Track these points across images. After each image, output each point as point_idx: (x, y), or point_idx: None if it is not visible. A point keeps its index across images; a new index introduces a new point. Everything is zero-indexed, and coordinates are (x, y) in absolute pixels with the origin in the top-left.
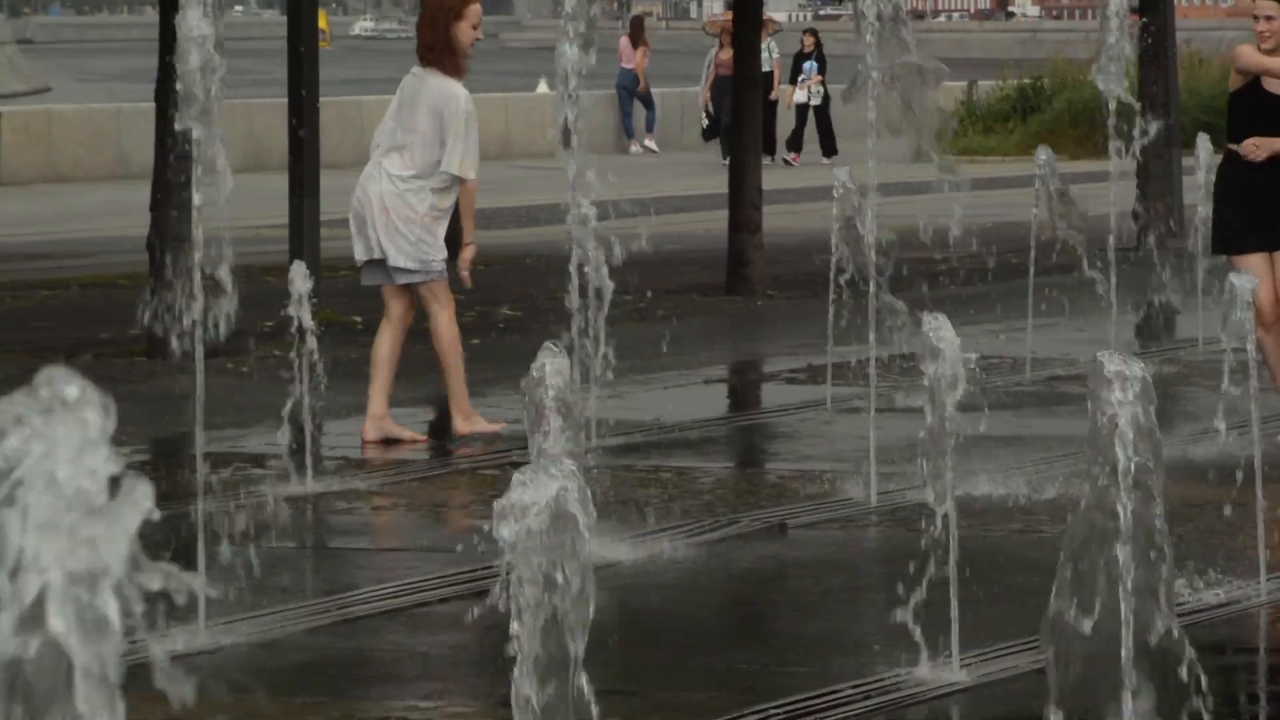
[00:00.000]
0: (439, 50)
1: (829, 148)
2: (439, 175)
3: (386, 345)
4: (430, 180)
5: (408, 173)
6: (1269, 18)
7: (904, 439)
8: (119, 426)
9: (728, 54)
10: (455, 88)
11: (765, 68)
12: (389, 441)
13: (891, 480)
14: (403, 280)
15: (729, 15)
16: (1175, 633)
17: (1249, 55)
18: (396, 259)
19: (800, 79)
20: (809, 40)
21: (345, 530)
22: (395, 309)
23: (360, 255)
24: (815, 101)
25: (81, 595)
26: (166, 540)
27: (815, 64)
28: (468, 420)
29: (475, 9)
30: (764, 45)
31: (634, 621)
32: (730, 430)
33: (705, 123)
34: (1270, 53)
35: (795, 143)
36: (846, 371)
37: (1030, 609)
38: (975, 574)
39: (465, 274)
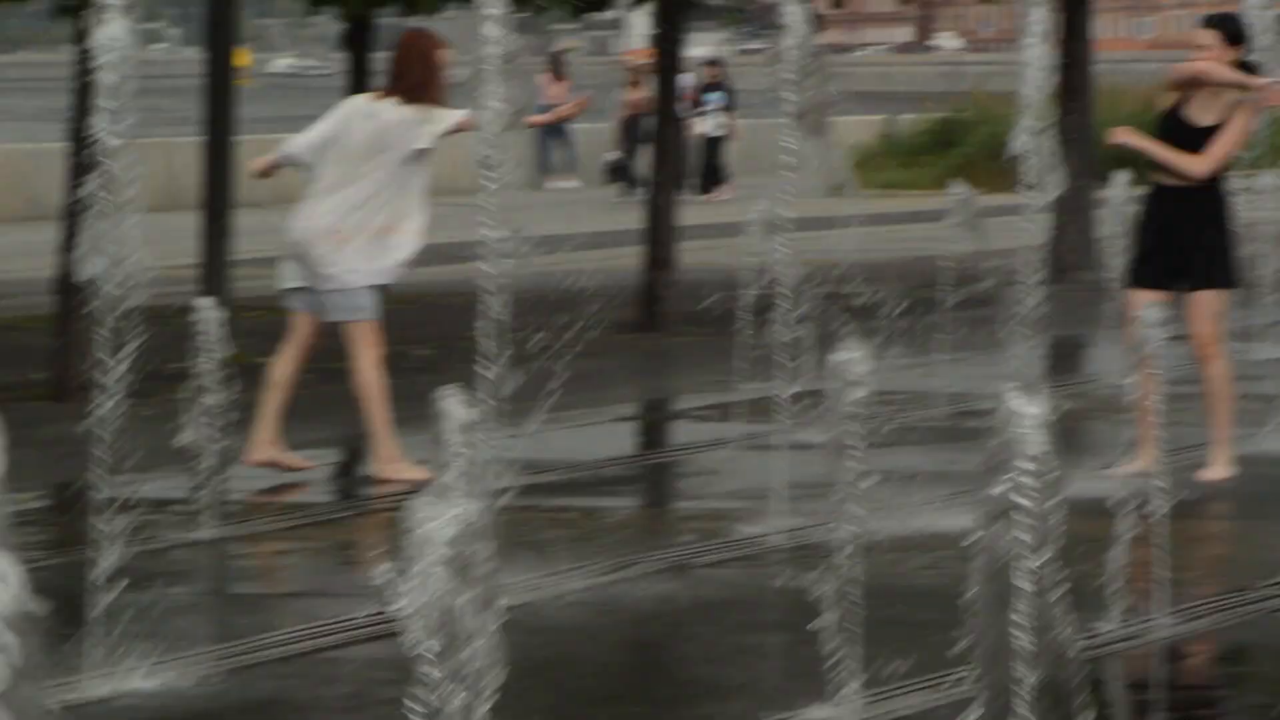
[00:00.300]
0: (428, 87)
1: (712, 178)
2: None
3: (288, 368)
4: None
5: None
6: (1203, 46)
7: (812, 475)
8: (21, 471)
9: (638, 93)
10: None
11: None
12: (277, 468)
13: (798, 517)
14: (337, 316)
15: (637, 54)
16: (1073, 667)
17: (1197, 64)
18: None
19: (702, 109)
20: (712, 71)
21: (246, 575)
22: (304, 334)
23: (297, 281)
24: (718, 133)
25: None
26: (61, 588)
27: (720, 95)
28: (390, 465)
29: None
30: None
31: (536, 664)
32: (638, 469)
33: (614, 162)
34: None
35: (712, 176)
36: (756, 408)
37: (932, 646)
38: (879, 612)
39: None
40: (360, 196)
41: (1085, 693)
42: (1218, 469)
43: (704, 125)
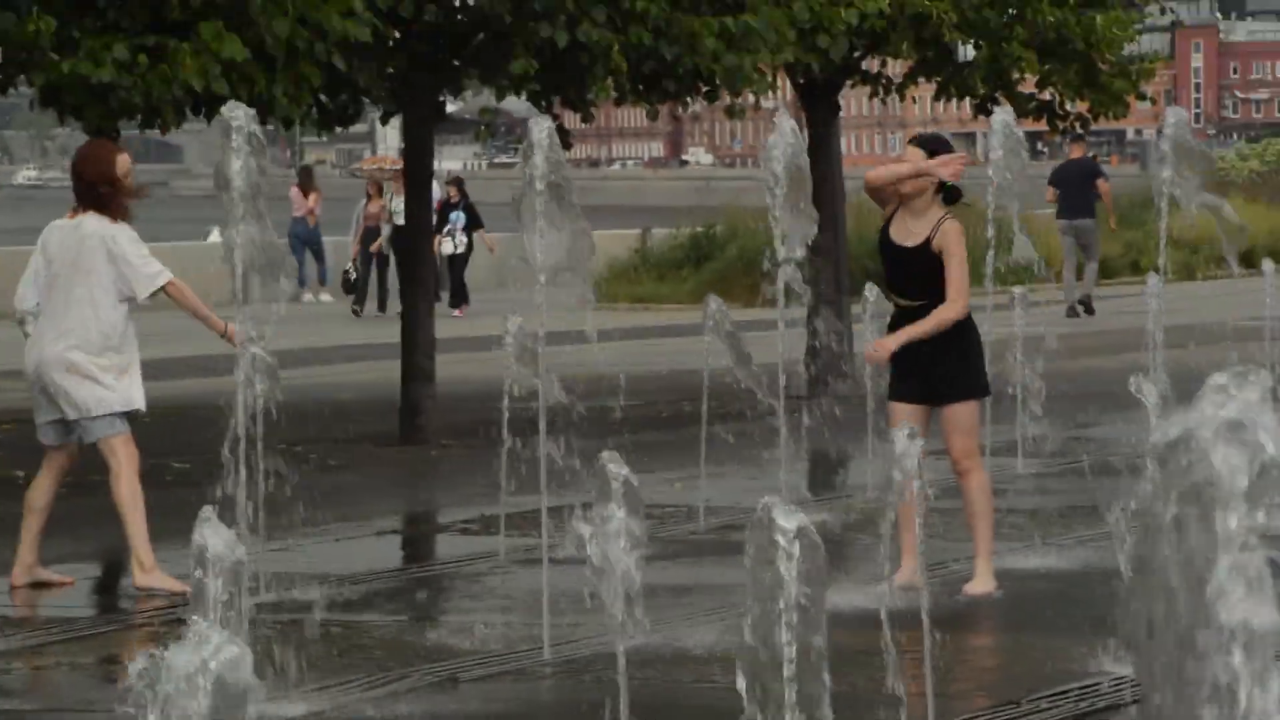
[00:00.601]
0: (113, 197)
1: (460, 298)
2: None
3: (46, 492)
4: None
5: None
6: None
7: (578, 589)
8: None
9: (376, 205)
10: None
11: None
12: (40, 585)
13: (564, 630)
14: (91, 438)
15: (377, 163)
16: None
17: (876, 170)
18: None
19: (445, 229)
20: (454, 191)
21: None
22: (59, 458)
23: (49, 416)
24: (460, 250)
25: None
26: None
27: (462, 214)
28: (147, 573)
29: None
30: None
31: None
32: (403, 582)
33: (352, 275)
34: (907, 205)
35: (459, 295)
36: (520, 521)
37: None
38: None
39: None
40: (81, 320)
41: None
42: (982, 582)
43: (448, 244)
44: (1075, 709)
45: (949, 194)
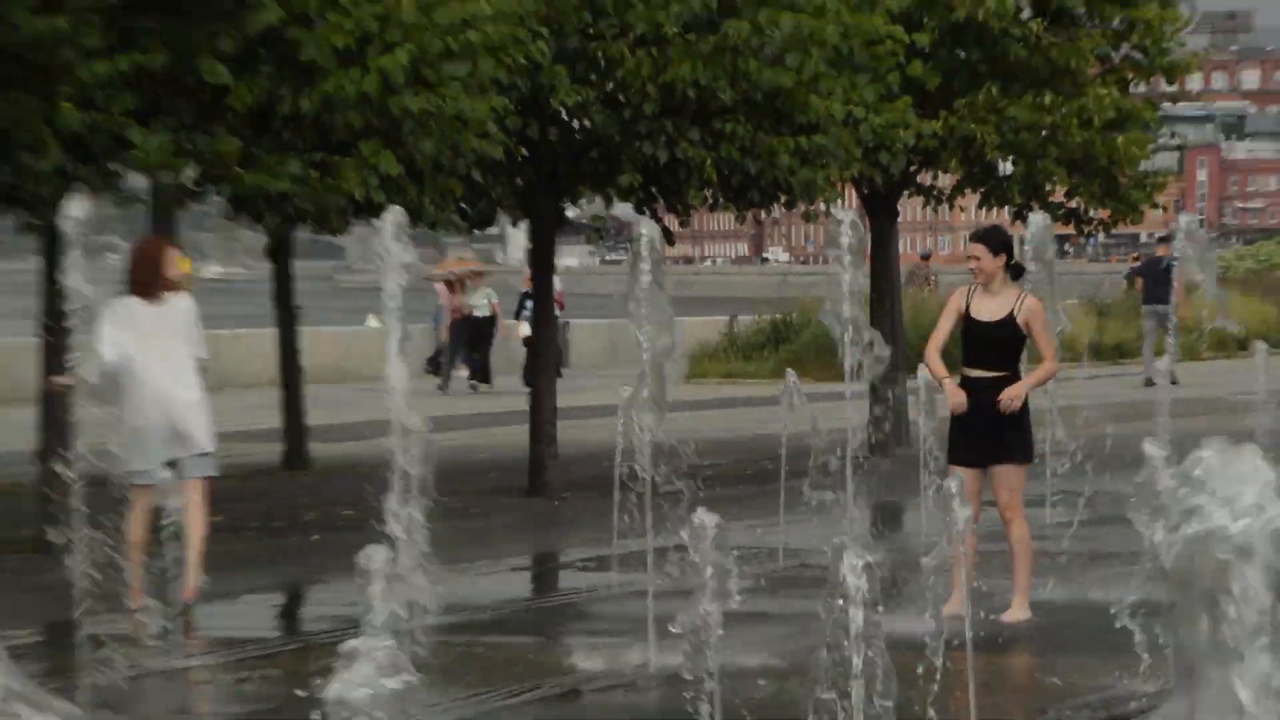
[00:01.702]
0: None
1: (529, 377)
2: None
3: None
4: None
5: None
6: (977, 258)
7: (676, 615)
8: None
9: (457, 299)
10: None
11: (484, 312)
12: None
13: (670, 652)
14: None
15: (453, 265)
16: None
17: (931, 357)
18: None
19: (523, 316)
20: (528, 281)
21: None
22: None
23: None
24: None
25: None
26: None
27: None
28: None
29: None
30: (484, 293)
31: None
32: (532, 610)
33: (430, 357)
34: (985, 287)
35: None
36: (629, 560)
37: None
38: None
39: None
40: (182, 371)
41: None
42: (1018, 611)
43: (525, 329)
44: (1093, 717)
45: (1015, 270)
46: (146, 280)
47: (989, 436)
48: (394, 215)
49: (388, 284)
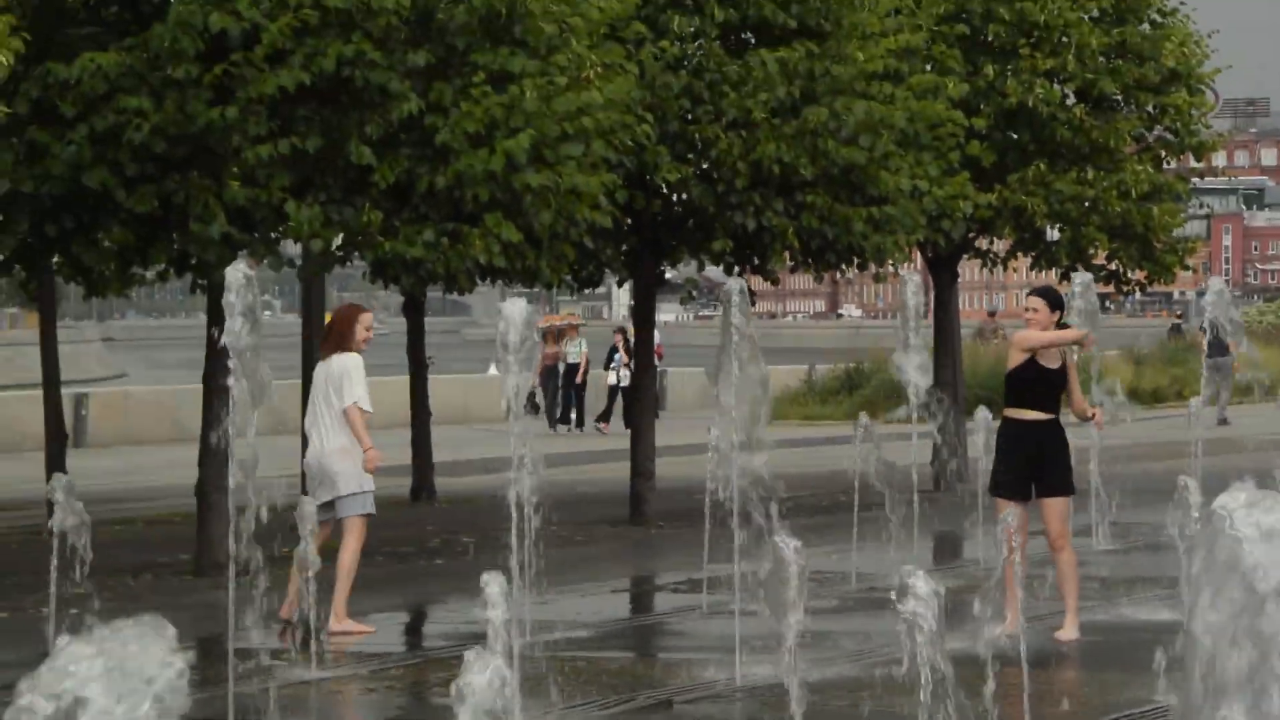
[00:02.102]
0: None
1: (629, 419)
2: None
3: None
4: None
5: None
6: (1035, 310)
7: (764, 634)
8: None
9: (552, 349)
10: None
11: (575, 359)
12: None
13: (754, 666)
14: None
15: (550, 320)
16: None
17: (1032, 334)
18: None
19: (611, 366)
20: (618, 338)
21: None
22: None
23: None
24: (625, 384)
25: None
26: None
27: (623, 354)
28: (340, 621)
29: (367, 317)
30: (577, 343)
31: None
32: (631, 627)
33: (538, 400)
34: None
35: (605, 416)
36: (718, 583)
37: None
38: None
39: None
40: (334, 424)
41: None
42: (1070, 631)
43: (611, 377)
44: None
45: (1062, 325)
46: (324, 341)
47: (1035, 474)
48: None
49: (509, 338)
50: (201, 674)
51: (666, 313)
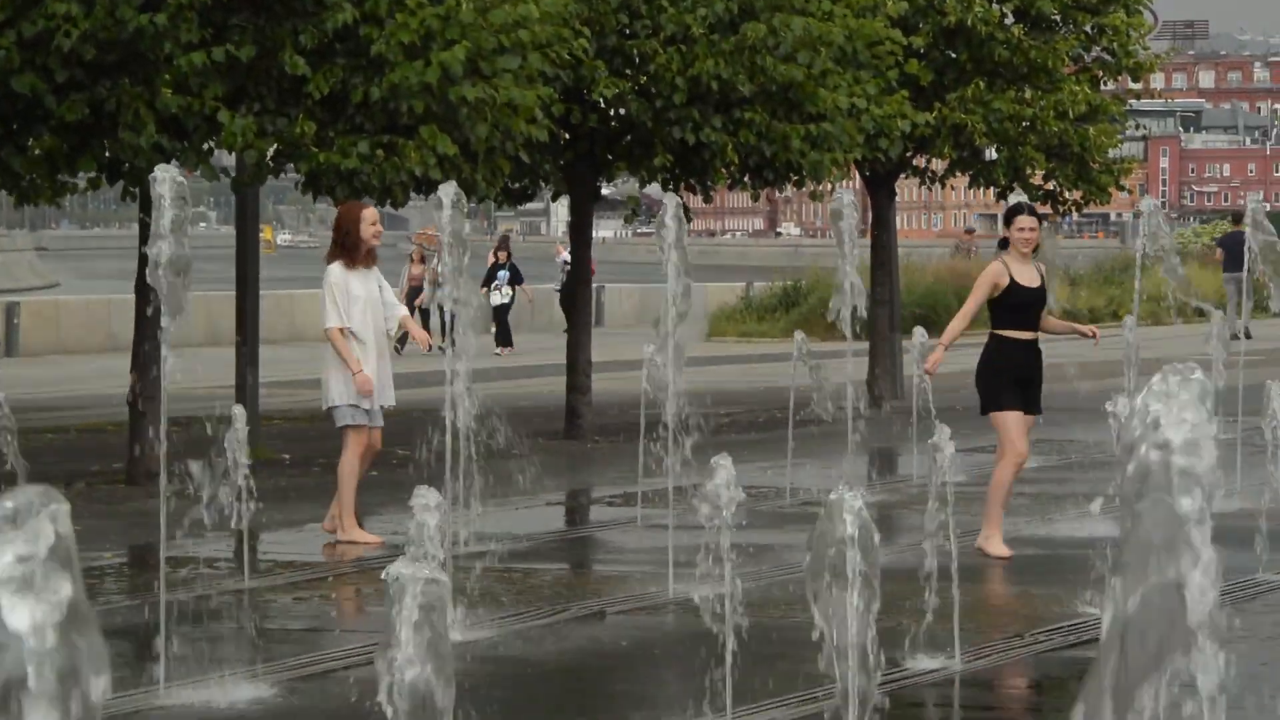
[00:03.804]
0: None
1: (504, 340)
2: None
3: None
4: None
5: None
6: (1032, 229)
7: (695, 547)
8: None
9: (419, 269)
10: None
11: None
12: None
13: (684, 580)
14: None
15: (425, 235)
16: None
17: (1053, 320)
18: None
19: (494, 284)
20: (502, 254)
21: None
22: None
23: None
24: (505, 301)
25: None
26: (134, 623)
27: (507, 272)
28: (345, 531)
29: (370, 213)
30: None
31: (491, 685)
32: (565, 540)
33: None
34: (1024, 258)
35: (504, 338)
36: (652, 497)
37: (781, 673)
38: (748, 647)
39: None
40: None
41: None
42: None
43: (495, 296)
44: (1064, 641)
45: (1004, 243)
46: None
47: (1034, 390)
48: (449, 190)
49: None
50: (132, 582)
51: (605, 229)
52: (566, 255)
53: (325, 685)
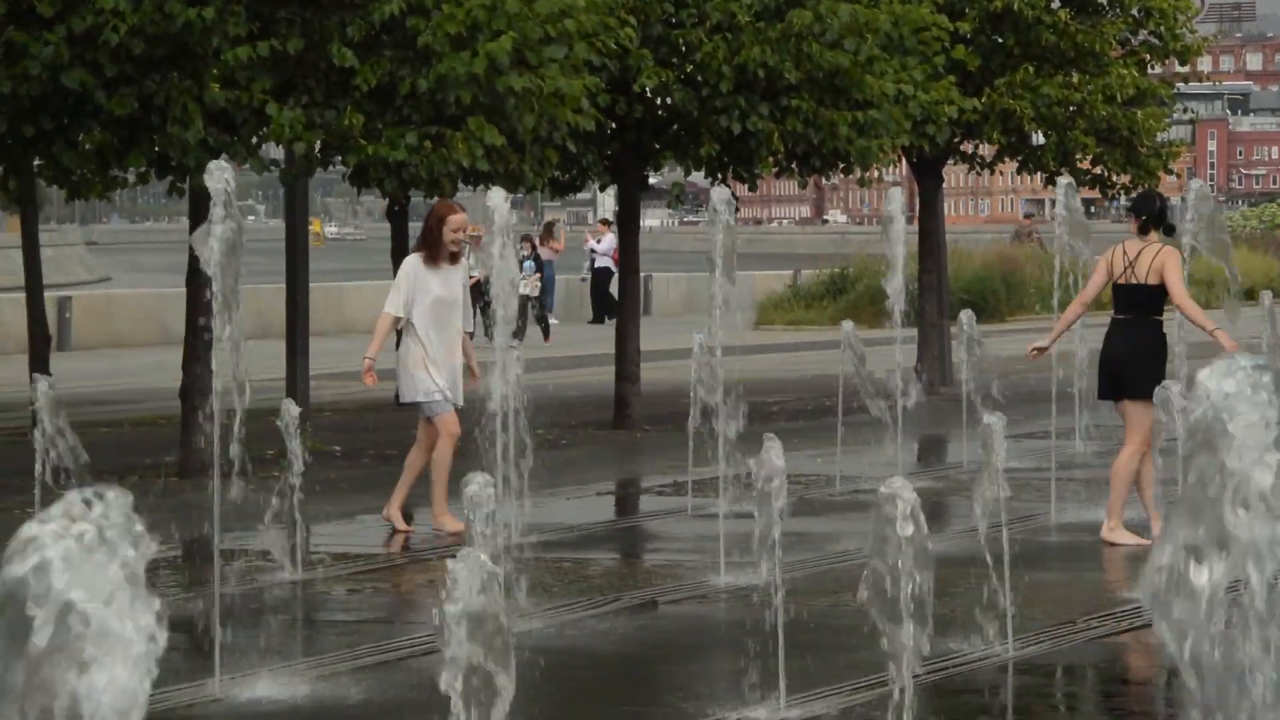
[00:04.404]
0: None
1: (543, 330)
2: None
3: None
4: None
5: None
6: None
7: (746, 536)
8: (155, 532)
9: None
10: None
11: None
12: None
13: (737, 568)
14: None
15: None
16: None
17: (1195, 310)
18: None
19: (520, 276)
20: (527, 245)
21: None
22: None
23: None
24: (533, 294)
25: None
26: (193, 613)
27: (532, 264)
28: (435, 518)
29: (456, 218)
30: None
31: (543, 673)
32: (615, 530)
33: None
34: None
35: (543, 329)
36: (703, 486)
37: (834, 665)
38: (799, 636)
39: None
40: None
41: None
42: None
43: (523, 288)
44: (1116, 627)
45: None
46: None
47: (1114, 375)
48: (499, 193)
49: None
50: (187, 575)
51: (651, 218)
52: (594, 244)
53: (387, 674)
